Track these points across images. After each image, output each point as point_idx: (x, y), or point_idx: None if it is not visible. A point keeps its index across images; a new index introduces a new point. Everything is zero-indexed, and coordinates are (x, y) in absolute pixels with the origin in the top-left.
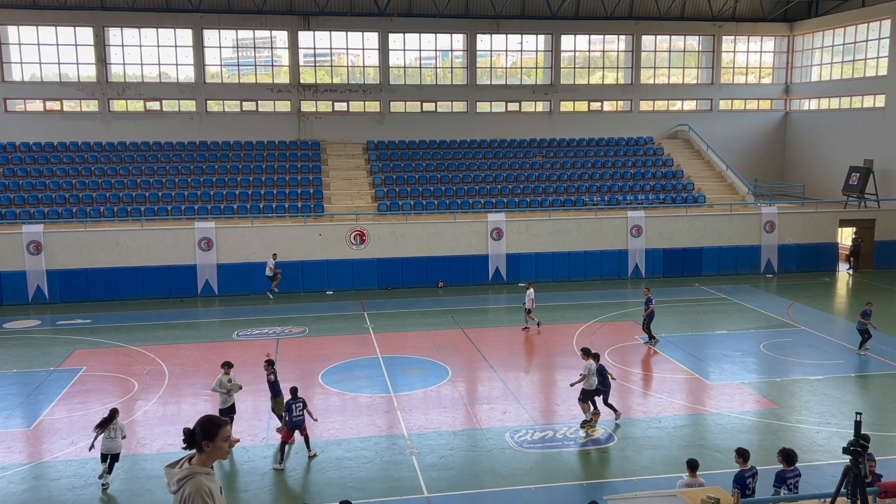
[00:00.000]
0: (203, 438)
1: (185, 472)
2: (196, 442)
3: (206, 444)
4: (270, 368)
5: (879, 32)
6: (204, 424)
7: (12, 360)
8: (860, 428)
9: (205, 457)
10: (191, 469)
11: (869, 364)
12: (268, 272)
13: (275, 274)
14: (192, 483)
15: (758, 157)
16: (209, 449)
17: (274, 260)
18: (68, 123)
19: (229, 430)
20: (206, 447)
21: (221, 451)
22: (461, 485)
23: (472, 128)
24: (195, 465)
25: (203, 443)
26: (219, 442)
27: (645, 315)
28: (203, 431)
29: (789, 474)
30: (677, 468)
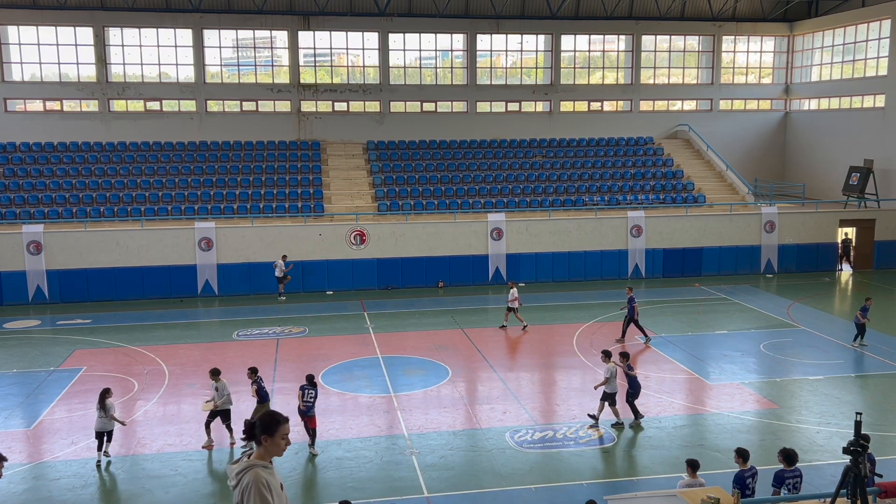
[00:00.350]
0: (262, 433)
1: (242, 465)
2: (255, 436)
3: (264, 439)
4: (254, 376)
5: (879, 32)
6: (264, 419)
7: (12, 360)
8: (860, 428)
9: (263, 451)
10: (248, 462)
11: (869, 364)
12: (277, 273)
13: (284, 275)
14: (250, 474)
15: (758, 157)
16: (267, 444)
17: (284, 261)
18: (68, 123)
19: (288, 427)
20: (264, 441)
21: (278, 447)
22: (461, 485)
23: (472, 128)
24: (253, 459)
25: (262, 437)
26: (277, 438)
27: (636, 315)
28: (263, 426)
29: (788, 474)
30: (677, 468)
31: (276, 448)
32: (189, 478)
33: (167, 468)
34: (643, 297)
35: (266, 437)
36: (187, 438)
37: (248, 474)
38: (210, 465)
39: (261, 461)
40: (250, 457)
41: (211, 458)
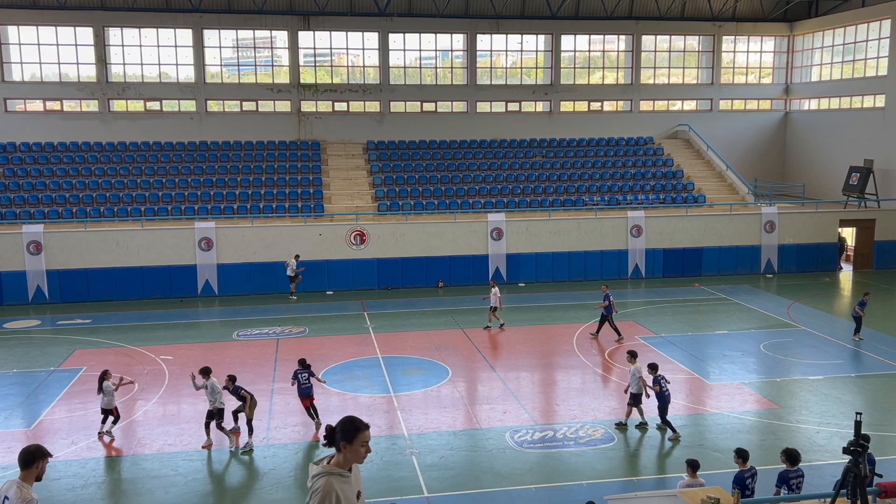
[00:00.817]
0: (342, 439)
1: (321, 469)
2: (335, 441)
3: (343, 446)
4: (231, 384)
5: (879, 32)
6: (344, 425)
7: (12, 360)
8: (860, 428)
9: (342, 458)
10: (327, 469)
11: (869, 364)
12: (289, 272)
13: (296, 274)
14: (323, 481)
15: (758, 157)
16: (346, 451)
17: (296, 260)
18: (68, 123)
19: (369, 434)
20: (343, 448)
21: (358, 454)
22: (461, 485)
23: (472, 128)
24: (332, 466)
25: (341, 444)
26: (356, 445)
27: (615, 312)
28: (342, 432)
29: (792, 474)
30: (677, 468)
31: (355, 455)
32: (189, 478)
33: (167, 468)
34: (643, 298)
35: (345, 443)
36: (187, 438)
37: (321, 480)
38: (210, 465)
39: (338, 469)
40: (330, 461)
41: (211, 458)
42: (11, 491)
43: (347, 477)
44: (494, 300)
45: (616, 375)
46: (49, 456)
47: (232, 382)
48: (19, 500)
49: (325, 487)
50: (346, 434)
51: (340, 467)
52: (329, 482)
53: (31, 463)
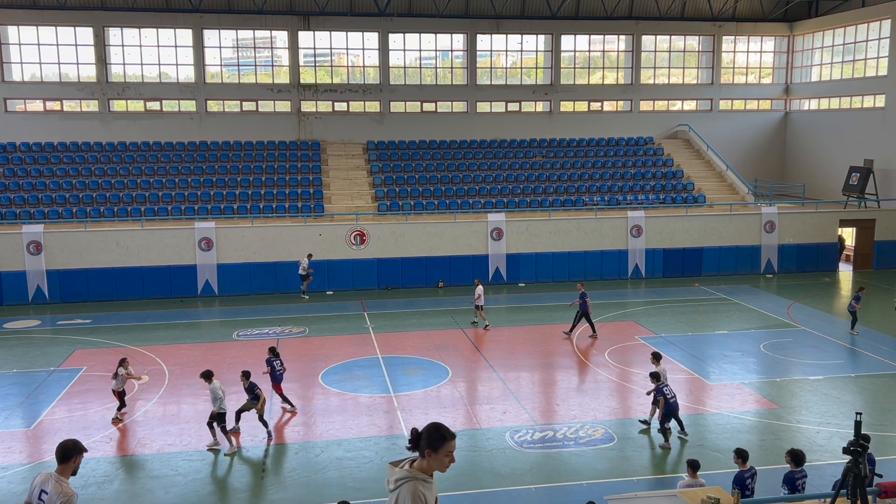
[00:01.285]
0: (427, 447)
1: (404, 473)
2: (420, 447)
3: (428, 454)
4: (246, 381)
5: (879, 32)
6: (431, 433)
7: (12, 360)
8: (860, 428)
9: (425, 464)
10: (411, 472)
11: (869, 364)
12: (301, 271)
13: (307, 273)
14: (409, 486)
15: (758, 157)
16: (430, 458)
17: (308, 260)
18: (68, 123)
19: (454, 444)
20: (427, 455)
21: (441, 464)
22: (461, 485)
23: (472, 128)
24: (415, 470)
25: (426, 451)
26: (441, 455)
27: (589, 310)
28: (429, 440)
29: (797, 475)
30: (677, 468)
31: (438, 464)
32: (189, 478)
33: (167, 468)
34: (643, 298)
35: (430, 451)
36: (187, 438)
37: (406, 485)
38: (210, 465)
39: (422, 474)
40: (413, 464)
41: (211, 459)
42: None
43: (430, 483)
44: (478, 298)
45: (616, 375)
46: (84, 451)
47: (247, 379)
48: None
49: (414, 494)
50: (432, 443)
51: (423, 472)
52: (416, 487)
53: (69, 458)
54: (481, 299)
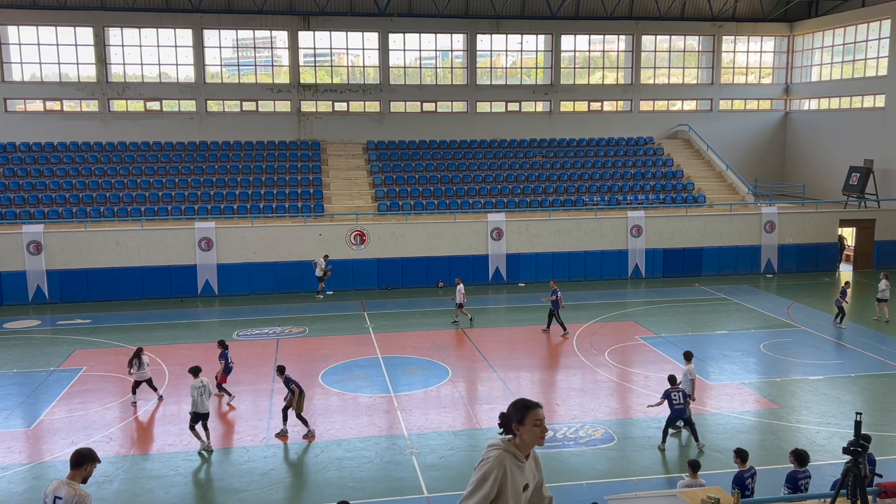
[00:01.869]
0: (514, 421)
1: (498, 441)
2: (509, 426)
3: (516, 428)
4: (282, 375)
5: (879, 32)
6: (515, 406)
7: (12, 360)
8: (860, 428)
9: (518, 442)
10: (505, 445)
11: (869, 364)
12: (318, 272)
13: (325, 273)
14: (496, 454)
15: (758, 157)
16: (520, 433)
17: (325, 259)
18: (68, 123)
19: (541, 412)
20: (516, 431)
21: (533, 434)
22: (461, 485)
23: (472, 128)
24: (510, 444)
25: (514, 426)
26: (529, 425)
27: (561, 305)
28: (513, 414)
29: (801, 475)
30: (677, 468)
31: (531, 436)
32: (189, 478)
33: (167, 468)
34: (643, 298)
35: (517, 425)
36: (187, 438)
37: (493, 452)
38: (210, 465)
39: (516, 449)
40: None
41: (211, 459)
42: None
43: (523, 463)
44: (460, 297)
45: (616, 375)
46: (97, 461)
47: (282, 374)
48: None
49: (496, 459)
50: (516, 415)
51: (518, 450)
52: (502, 456)
53: (81, 464)
54: (463, 297)
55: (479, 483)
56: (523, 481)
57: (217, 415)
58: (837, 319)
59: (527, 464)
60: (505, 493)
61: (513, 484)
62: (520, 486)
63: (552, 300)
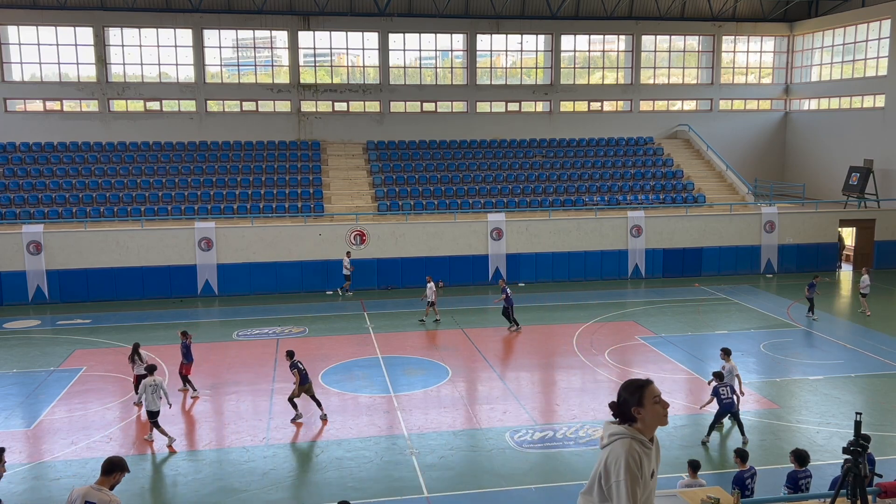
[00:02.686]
0: (633, 405)
1: (621, 429)
2: (625, 412)
3: (636, 411)
4: (290, 359)
5: (879, 32)
6: (626, 390)
7: (12, 360)
8: (860, 428)
9: (641, 426)
10: (630, 431)
11: (869, 364)
12: (345, 271)
13: (351, 272)
14: (623, 443)
15: (758, 157)
16: (641, 416)
17: (349, 258)
18: (68, 123)
19: (656, 388)
20: (636, 414)
21: (656, 414)
22: (461, 485)
23: (472, 128)
24: (634, 430)
25: (633, 410)
26: (648, 404)
27: (506, 305)
28: (629, 397)
29: (801, 475)
30: (677, 468)
31: (653, 417)
32: (189, 478)
33: (167, 468)
34: (643, 298)
35: (637, 407)
36: (187, 438)
37: (621, 441)
38: (210, 465)
39: (639, 434)
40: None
41: (210, 459)
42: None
43: (649, 449)
44: (431, 295)
45: (616, 375)
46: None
47: (289, 358)
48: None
49: (629, 451)
50: (633, 397)
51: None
52: (630, 445)
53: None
54: (433, 295)
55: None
56: (650, 468)
57: (217, 415)
58: (810, 312)
59: (652, 449)
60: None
61: (644, 473)
62: (648, 474)
63: (503, 298)
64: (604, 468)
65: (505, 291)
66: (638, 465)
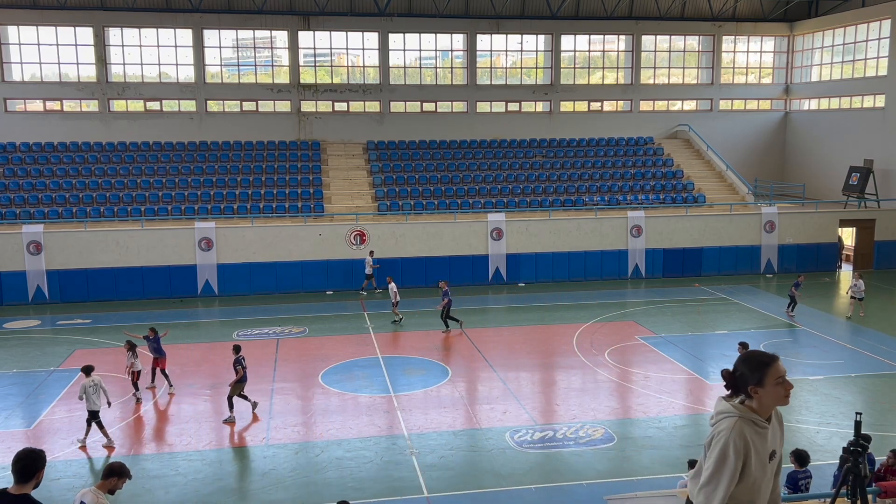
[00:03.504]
0: (751, 383)
1: (729, 407)
2: (740, 388)
3: (753, 390)
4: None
5: (879, 32)
6: (748, 364)
7: (12, 360)
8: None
9: (755, 404)
10: (741, 410)
11: (869, 364)
12: (368, 270)
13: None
14: (728, 422)
15: (758, 157)
16: (758, 395)
17: (371, 257)
18: (68, 123)
19: (781, 366)
20: (753, 394)
21: (776, 395)
22: (461, 485)
23: (472, 128)
24: (746, 409)
25: (750, 388)
26: (769, 385)
27: (441, 307)
28: (747, 374)
29: (801, 475)
30: (677, 468)
31: (772, 397)
32: (189, 478)
33: (167, 468)
34: (643, 298)
35: (754, 387)
36: (187, 438)
37: (728, 422)
38: (210, 465)
39: (752, 414)
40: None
41: (210, 459)
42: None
43: (764, 429)
44: (393, 296)
45: (616, 375)
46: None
47: (236, 352)
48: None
49: (733, 430)
50: (753, 374)
51: (755, 413)
52: (739, 426)
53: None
54: (396, 296)
55: (718, 463)
56: (768, 448)
57: (217, 415)
58: (790, 308)
59: (769, 429)
60: (749, 467)
61: (756, 455)
62: (764, 454)
63: (446, 302)
64: (706, 447)
65: (446, 293)
66: (739, 448)
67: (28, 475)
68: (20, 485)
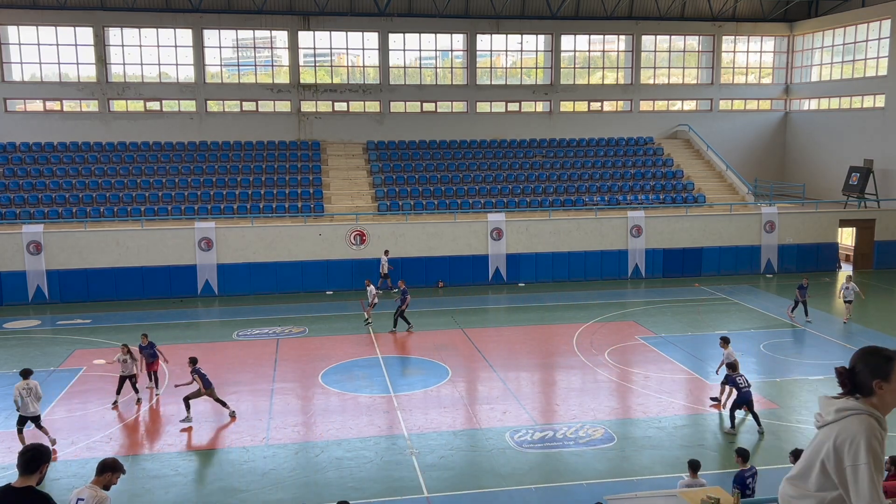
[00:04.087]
0: (874, 378)
1: (854, 404)
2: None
3: (877, 385)
4: (192, 366)
5: (879, 32)
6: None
7: (12, 360)
8: None
9: (876, 401)
10: (867, 408)
11: None
12: (384, 269)
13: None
14: (859, 419)
15: (758, 157)
16: (882, 392)
17: (387, 256)
18: (68, 123)
19: None
20: (878, 389)
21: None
22: (461, 485)
23: (472, 128)
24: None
25: (874, 383)
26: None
27: (403, 307)
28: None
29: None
30: (677, 468)
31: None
32: (189, 478)
33: (167, 468)
34: (643, 298)
35: (880, 381)
36: (187, 438)
37: (857, 419)
38: (210, 465)
39: (876, 411)
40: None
41: (210, 459)
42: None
43: (885, 431)
44: (371, 297)
45: (616, 375)
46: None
47: (192, 364)
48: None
49: (870, 430)
50: (879, 369)
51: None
52: (871, 424)
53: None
54: (374, 298)
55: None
56: (885, 455)
57: (217, 415)
58: (792, 310)
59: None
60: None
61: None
62: (883, 460)
63: (406, 303)
64: (833, 449)
65: (405, 293)
66: (880, 446)
67: (32, 468)
68: (24, 477)
